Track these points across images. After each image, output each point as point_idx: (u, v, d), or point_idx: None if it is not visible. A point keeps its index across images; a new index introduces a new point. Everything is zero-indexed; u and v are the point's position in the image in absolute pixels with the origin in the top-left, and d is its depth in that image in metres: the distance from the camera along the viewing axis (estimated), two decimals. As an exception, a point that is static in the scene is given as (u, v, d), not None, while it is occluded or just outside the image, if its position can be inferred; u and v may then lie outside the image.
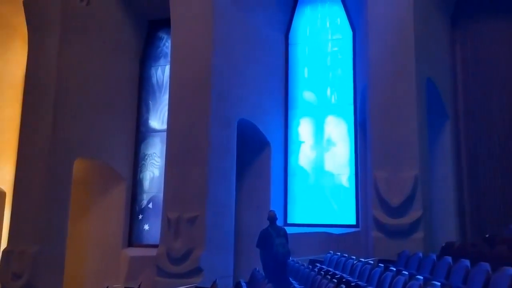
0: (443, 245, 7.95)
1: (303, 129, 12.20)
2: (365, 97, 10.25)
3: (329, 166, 11.81)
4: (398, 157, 9.13)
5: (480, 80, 10.69)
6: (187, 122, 10.33)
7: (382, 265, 6.53)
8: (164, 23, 12.70)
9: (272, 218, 8.09)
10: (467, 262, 5.44)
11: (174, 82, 10.77)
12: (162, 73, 13.20)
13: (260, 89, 11.63)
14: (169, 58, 11.69)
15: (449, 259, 5.97)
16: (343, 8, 12.31)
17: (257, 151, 11.73)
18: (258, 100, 11.51)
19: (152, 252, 10.47)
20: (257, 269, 7.98)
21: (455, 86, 10.90)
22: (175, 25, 10.83)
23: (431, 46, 10.11)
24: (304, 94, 12.33)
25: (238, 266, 10.73)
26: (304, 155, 12.09)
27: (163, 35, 13.34)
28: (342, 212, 11.50)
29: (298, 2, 12.74)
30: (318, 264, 8.45)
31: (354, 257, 7.79)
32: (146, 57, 13.40)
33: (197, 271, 9.60)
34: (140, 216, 12.63)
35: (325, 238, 10.88)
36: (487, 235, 8.12)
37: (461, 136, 10.70)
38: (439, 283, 4.56)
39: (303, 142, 12.15)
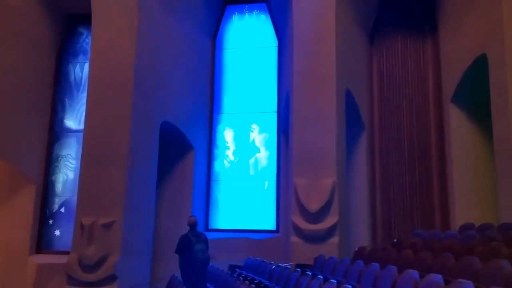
0: (356, 249, 8.31)
1: (228, 135, 12.23)
2: (288, 106, 10.51)
3: (252, 172, 11.93)
4: (317, 165, 9.44)
5: (393, 93, 11.42)
6: (106, 122, 9.89)
7: (299, 269, 6.68)
8: (84, 18, 12.10)
9: (193, 224, 7.96)
10: (376, 266, 5.72)
11: (93, 80, 10.27)
12: (80, 70, 12.53)
13: (185, 92, 11.48)
14: (89, 55, 11.13)
15: (361, 263, 6.26)
16: (269, 18, 12.56)
17: (180, 155, 11.54)
18: (183, 104, 11.35)
19: (63, 259, 9.85)
20: (176, 275, 7.80)
21: (371, 98, 11.54)
22: (96, 21, 10.35)
23: (350, 60, 10.62)
24: (230, 99, 12.37)
25: (157, 272, 10.44)
26: (227, 160, 12.11)
27: (83, 31, 12.69)
28: (263, 217, 11.65)
29: (226, 9, 12.81)
30: (237, 269, 8.47)
31: (273, 262, 7.90)
32: (63, 52, 12.64)
33: (111, 278, 9.17)
34: (51, 221, 11.83)
35: (246, 243, 10.95)
36: (395, 240, 8.64)
37: (375, 147, 11.33)
38: (350, 286, 4.74)
39: (227, 147, 12.17)
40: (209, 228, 11.73)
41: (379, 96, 11.52)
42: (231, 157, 12.11)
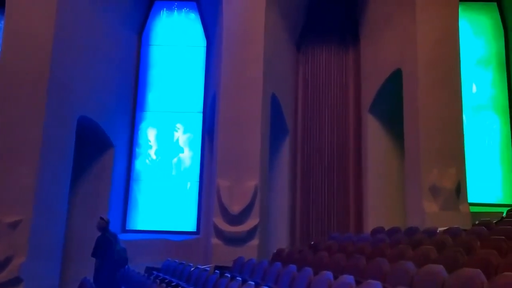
0: (275, 251, 8.45)
1: (151, 133, 11.89)
2: (214, 107, 10.46)
3: (174, 172, 11.69)
4: (241, 167, 9.48)
5: (317, 100, 11.82)
6: (16, 114, 9.14)
7: (218, 271, 6.64)
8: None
9: (105, 226, 7.63)
10: (293, 268, 5.84)
11: (4, 69, 9.45)
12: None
13: (107, 87, 10.98)
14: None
15: (279, 264, 6.36)
16: (199, 17, 12.44)
17: (99, 153, 11.00)
18: (103, 99, 10.83)
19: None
20: (87, 278, 7.40)
21: (295, 103, 11.85)
22: (10, 7, 9.54)
23: (277, 64, 10.83)
24: (155, 97, 12.05)
25: (67, 275, 9.84)
26: (149, 159, 11.76)
27: (-5, 15, 11.67)
28: (184, 219, 11.47)
29: (154, 5, 12.47)
30: (154, 272, 8.23)
31: (192, 264, 7.78)
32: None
33: (15, 281, 8.48)
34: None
35: (165, 245, 10.70)
36: (312, 242, 8.91)
37: (297, 151, 11.64)
38: (267, 287, 4.78)
39: (150, 146, 11.83)
40: (127, 229, 11.31)
41: (303, 102, 11.87)
42: (153, 156, 11.79)
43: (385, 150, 11.00)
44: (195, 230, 11.37)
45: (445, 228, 7.11)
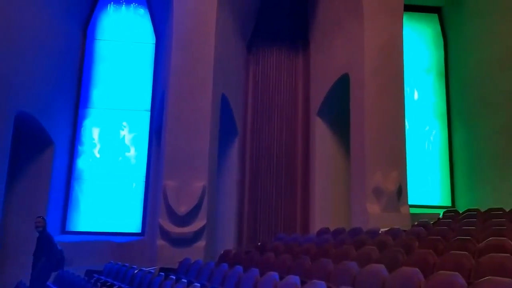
0: (222, 252, 8.40)
1: (95, 131, 11.45)
2: (163, 106, 10.24)
3: (119, 171, 11.33)
4: (189, 168, 9.34)
5: (266, 102, 11.90)
6: None
7: (163, 273, 6.49)
8: None
9: (44, 226, 7.28)
10: (240, 269, 5.82)
11: None
12: None
13: (48, 82, 10.44)
14: None
15: (225, 266, 6.31)
16: (148, 13, 12.15)
17: (38, 150, 10.44)
18: (44, 94, 10.29)
19: None
20: (23, 281, 7.00)
21: (245, 105, 11.86)
22: None
23: (228, 65, 10.79)
24: (100, 94, 11.62)
25: (2, 279, 9.26)
26: (92, 158, 11.33)
27: None
28: (129, 220, 11.14)
29: (101, -2, 12.05)
30: (96, 275, 7.91)
31: (135, 266, 7.56)
32: None
33: None
34: None
35: (108, 246, 10.34)
36: (259, 243, 8.94)
37: (246, 153, 11.65)
38: (213, 289, 4.72)
39: (94, 144, 11.39)
40: (66, 230, 10.82)
41: (253, 104, 11.90)
42: (97, 155, 11.36)
43: (332, 152, 11.25)
44: (139, 232, 11.08)
45: (387, 228, 7.36)
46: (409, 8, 11.84)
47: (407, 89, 10.45)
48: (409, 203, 9.56)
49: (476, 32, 11.11)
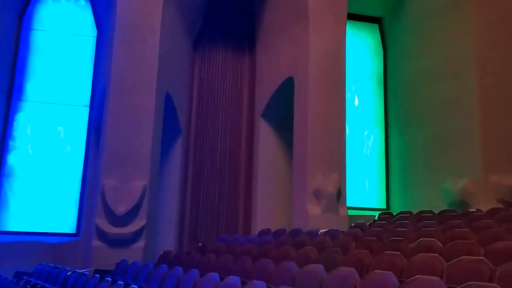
0: (161, 253, 8.23)
1: (28, 125, 10.83)
2: (103, 102, 9.89)
3: (53, 169, 10.79)
4: (129, 166, 9.08)
5: (211, 102, 11.83)
6: None
7: (98, 275, 6.24)
8: None
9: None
10: (180, 270, 5.72)
11: None
12: None
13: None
14: None
15: (165, 267, 6.18)
16: (90, 5, 11.69)
17: (-37, 144, 9.73)
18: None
19: None
20: None
21: (190, 104, 11.72)
22: None
23: (173, 63, 10.61)
24: (35, 87, 11.01)
25: None
26: (25, 154, 10.70)
27: None
28: (63, 219, 10.63)
29: (40, -15, 11.44)
30: (25, 277, 7.47)
31: (68, 268, 7.22)
32: None
33: None
34: None
35: (39, 247, 9.80)
36: (200, 244, 8.86)
37: (190, 151, 11.51)
38: (151, 291, 4.60)
39: (27, 139, 10.77)
40: (-6, 230, 10.15)
41: (198, 103, 11.79)
42: (30, 151, 10.75)
43: (275, 154, 11.39)
44: (74, 232, 10.61)
45: (326, 229, 7.55)
46: (352, 16, 12.25)
47: (348, 95, 10.80)
48: (347, 205, 9.87)
49: (412, 44, 11.71)
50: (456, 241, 4.82)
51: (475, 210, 7.68)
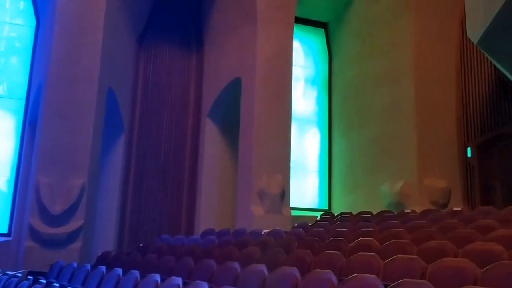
0: (100, 254, 7.96)
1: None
2: (40, 95, 9.40)
3: (-16, 165, 10.10)
4: (67, 164, 8.70)
5: (156, 100, 11.59)
6: None
7: (32, 277, 5.93)
8: None
9: None
10: (119, 271, 5.55)
11: None
12: None
13: None
14: None
15: (103, 268, 5.97)
16: (30, -7, 11.08)
17: None
18: None
19: None
20: None
21: (134, 101, 11.41)
22: None
23: (117, 57, 10.29)
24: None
25: None
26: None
27: None
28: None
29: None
30: None
31: (0, 270, 6.80)
32: None
33: None
34: None
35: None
36: (141, 245, 8.65)
37: (132, 150, 11.20)
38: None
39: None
40: None
41: (142, 100, 11.50)
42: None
43: (220, 154, 11.35)
44: (6, 232, 9.98)
45: (269, 230, 7.62)
46: (300, 20, 12.48)
47: (294, 97, 10.97)
48: (291, 206, 10.03)
49: (356, 50, 12.11)
50: (392, 240, 5.03)
51: (410, 211, 8.06)
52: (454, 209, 7.72)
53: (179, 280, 4.40)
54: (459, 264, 3.55)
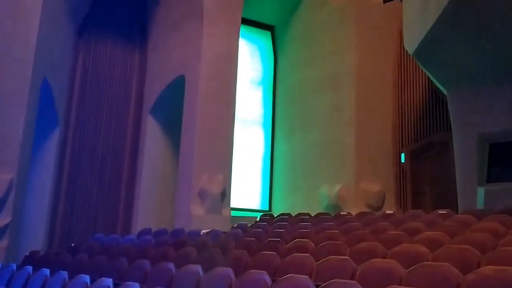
0: (27, 254, 7.52)
1: None
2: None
3: None
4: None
5: (96, 94, 11.16)
6: None
7: None
8: None
9: None
10: (47, 271, 5.27)
11: None
12: None
13: None
14: None
15: (30, 268, 5.65)
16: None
17: None
18: None
19: None
20: None
21: (71, 94, 10.91)
22: None
23: (54, 48, 9.80)
24: None
25: None
26: None
27: None
28: None
29: None
30: None
31: None
32: None
33: None
34: None
35: None
36: (72, 244, 8.28)
37: (67, 145, 10.71)
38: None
39: None
40: None
41: (80, 94, 11.03)
42: None
43: (162, 152, 11.14)
44: None
45: (208, 230, 7.57)
46: (247, 22, 12.53)
47: (239, 97, 10.98)
48: (233, 206, 10.03)
49: (300, 54, 12.34)
50: (327, 242, 5.15)
51: (346, 213, 8.32)
52: (387, 212, 8.05)
53: (109, 281, 4.25)
54: (386, 265, 3.69)
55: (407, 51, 8.81)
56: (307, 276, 3.44)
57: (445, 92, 8.63)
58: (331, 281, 3.16)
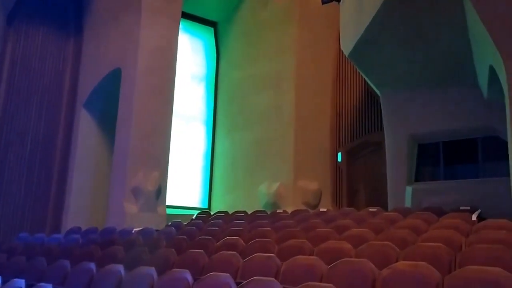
0: None
1: None
2: None
3: None
4: None
5: (25, 85, 10.52)
6: None
7: None
8: None
9: None
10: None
11: None
12: None
13: None
14: None
15: None
16: None
17: None
18: None
19: None
20: None
21: (-3, 84, 10.22)
22: None
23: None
24: None
25: None
26: None
27: None
28: None
29: None
30: None
31: None
32: None
33: None
34: None
35: None
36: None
37: (-8, 138, 10.02)
38: None
39: None
40: None
41: (8, 84, 10.36)
42: None
43: (95, 148, 10.69)
44: None
45: (141, 228, 7.34)
46: (189, 17, 12.31)
47: (178, 93, 10.76)
48: (171, 204, 9.80)
49: (242, 52, 12.31)
50: (257, 239, 5.12)
51: (282, 211, 8.36)
52: (321, 209, 8.18)
53: (22, 283, 3.99)
54: (310, 262, 3.71)
55: (344, 53, 9.00)
56: (228, 274, 3.38)
57: (379, 93, 8.91)
58: (250, 279, 3.12)
